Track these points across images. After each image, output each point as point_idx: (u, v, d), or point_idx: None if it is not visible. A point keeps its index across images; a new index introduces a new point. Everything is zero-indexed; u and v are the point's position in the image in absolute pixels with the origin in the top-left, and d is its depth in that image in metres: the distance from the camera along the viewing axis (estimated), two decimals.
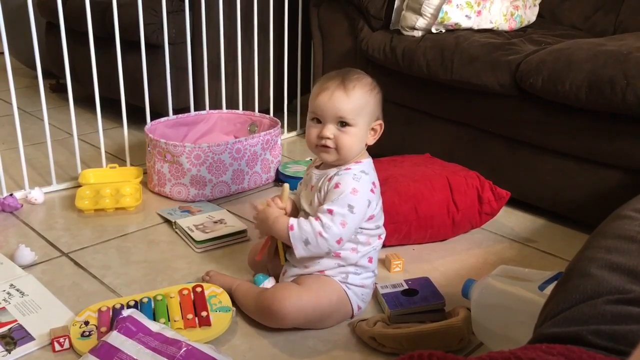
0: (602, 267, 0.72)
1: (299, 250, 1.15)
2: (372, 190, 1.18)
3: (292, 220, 1.16)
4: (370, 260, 1.23)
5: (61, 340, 1.11)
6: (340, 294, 1.20)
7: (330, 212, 1.13)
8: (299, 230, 1.14)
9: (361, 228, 1.19)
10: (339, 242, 1.14)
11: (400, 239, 1.51)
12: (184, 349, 1.03)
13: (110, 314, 1.18)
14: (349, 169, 1.17)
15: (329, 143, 1.15)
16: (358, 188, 1.15)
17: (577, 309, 0.68)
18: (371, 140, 1.21)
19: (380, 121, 1.20)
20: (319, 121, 1.17)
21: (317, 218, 1.14)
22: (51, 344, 1.11)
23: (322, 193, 1.18)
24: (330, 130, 1.15)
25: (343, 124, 1.15)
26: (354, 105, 1.14)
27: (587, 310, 0.67)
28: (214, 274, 1.34)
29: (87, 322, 1.16)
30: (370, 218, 1.19)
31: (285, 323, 1.16)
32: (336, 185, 1.16)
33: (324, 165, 1.23)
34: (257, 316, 1.20)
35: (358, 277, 1.21)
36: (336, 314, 1.21)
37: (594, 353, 0.60)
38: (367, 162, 1.21)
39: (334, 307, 1.19)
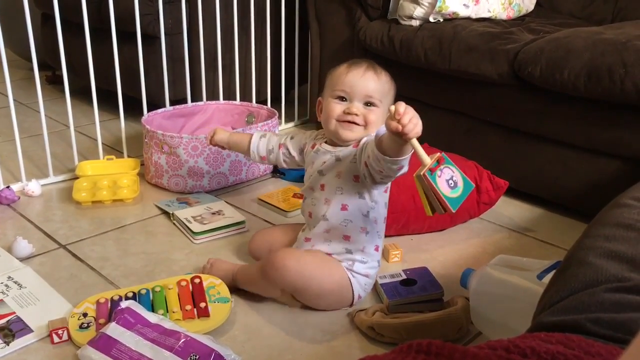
0: (601, 255, 0.72)
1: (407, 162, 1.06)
2: None
3: None
4: (376, 249, 1.23)
5: (59, 332, 1.11)
6: (343, 277, 1.20)
7: None
8: None
9: (375, 202, 1.19)
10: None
11: (399, 229, 1.51)
12: (183, 340, 1.03)
13: (109, 305, 1.18)
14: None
15: (358, 120, 1.16)
16: None
17: (576, 297, 0.68)
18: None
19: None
20: (342, 99, 1.18)
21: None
22: (49, 335, 1.11)
23: (347, 160, 1.17)
24: (358, 107, 1.17)
25: (369, 104, 1.17)
26: (383, 87, 1.18)
27: (586, 299, 0.67)
28: (215, 260, 1.34)
29: (85, 313, 1.16)
30: (385, 190, 1.21)
31: (286, 277, 1.15)
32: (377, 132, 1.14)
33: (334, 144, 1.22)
34: (260, 277, 1.20)
35: (363, 265, 1.22)
36: (336, 296, 1.21)
37: (593, 341, 0.59)
38: None
39: (334, 285, 1.20)
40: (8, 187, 1.67)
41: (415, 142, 0.97)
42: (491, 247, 1.51)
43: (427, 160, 0.97)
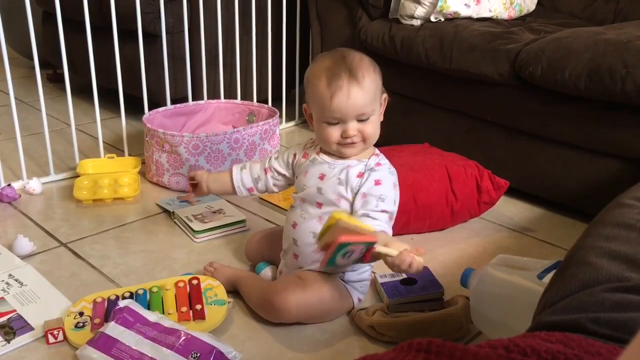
0: (601, 255, 0.72)
1: None
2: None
3: (379, 228, 1.11)
4: None
5: (55, 332, 1.10)
6: (342, 289, 1.20)
7: (384, 212, 1.13)
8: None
9: None
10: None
11: (399, 228, 1.51)
12: (183, 338, 1.03)
13: (105, 305, 1.17)
14: (380, 164, 1.16)
15: (356, 139, 1.13)
16: (396, 182, 1.17)
17: (576, 297, 0.68)
18: (380, 116, 1.19)
19: (385, 94, 1.18)
20: (335, 122, 1.13)
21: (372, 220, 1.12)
22: (45, 336, 1.10)
23: (349, 187, 1.15)
24: (353, 128, 1.12)
25: (363, 119, 1.12)
26: (370, 96, 1.11)
27: (586, 298, 0.67)
28: (219, 266, 1.32)
29: (81, 312, 1.16)
30: None
31: (288, 318, 1.15)
32: (377, 182, 1.13)
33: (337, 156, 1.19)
34: (261, 311, 1.19)
35: (354, 273, 1.21)
36: (338, 309, 1.20)
37: (593, 340, 0.60)
38: (379, 152, 1.21)
39: (336, 302, 1.19)
40: (9, 185, 1.67)
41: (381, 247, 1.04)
42: (491, 247, 1.51)
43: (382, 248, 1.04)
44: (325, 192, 1.16)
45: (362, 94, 1.10)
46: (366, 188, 1.14)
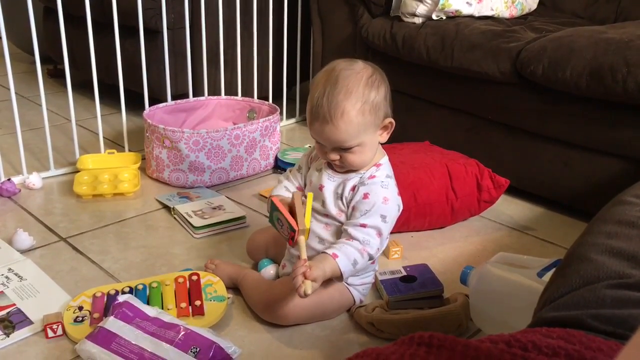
0: (603, 252, 0.72)
1: (347, 273, 1.10)
2: (398, 194, 1.16)
3: (331, 250, 1.09)
4: (373, 262, 1.20)
5: (54, 326, 1.10)
6: (342, 290, 1.19)
7: (363, 226, 1.10)
8: (344, 255, 1.09)
9: None
10: (376, 252, 1.13)
11: (399, 225, 1.51)
12: (183, 332, 1.03)
13: (105, 299, 1.18)
14: (374, 176, 1.13)
15: (337, 162, 1.13)
16: (388, 196, 1.12)
17: (577, 293, 0.68)
18: (384, 138, 1.15)
19: (390, 119, 1.12)
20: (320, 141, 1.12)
21: (350, 237, 1.11)
22: (44, 330, 1.10)
23: (345, 201, 1.14)
24: (333, 155, 1.11)
25: (344, 149, 1.10)
26: (348, 133, 1.06)
27: (587, 295, 0.67)
28: (220, 262, 1.32)
29: (81, 307, 1.16)
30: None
31: (287, 322, 1.16)
32: (365, 196, 1.11)
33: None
34: (260, 313, 1.18)
35: (358, 277, 1.21)
36: (338, 309, 1.20)
37: (594, 336, 0.60)
38: (386, 162, 1.17)
39: (336, 303, 1.19)
40: (9, 179, 1.67)
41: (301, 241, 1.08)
42: (491, 245, 1.51)
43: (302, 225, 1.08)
44: (327, 205, 1.16)
45: (336, 132, 1.06)
46: (355, 202, 1.13)
